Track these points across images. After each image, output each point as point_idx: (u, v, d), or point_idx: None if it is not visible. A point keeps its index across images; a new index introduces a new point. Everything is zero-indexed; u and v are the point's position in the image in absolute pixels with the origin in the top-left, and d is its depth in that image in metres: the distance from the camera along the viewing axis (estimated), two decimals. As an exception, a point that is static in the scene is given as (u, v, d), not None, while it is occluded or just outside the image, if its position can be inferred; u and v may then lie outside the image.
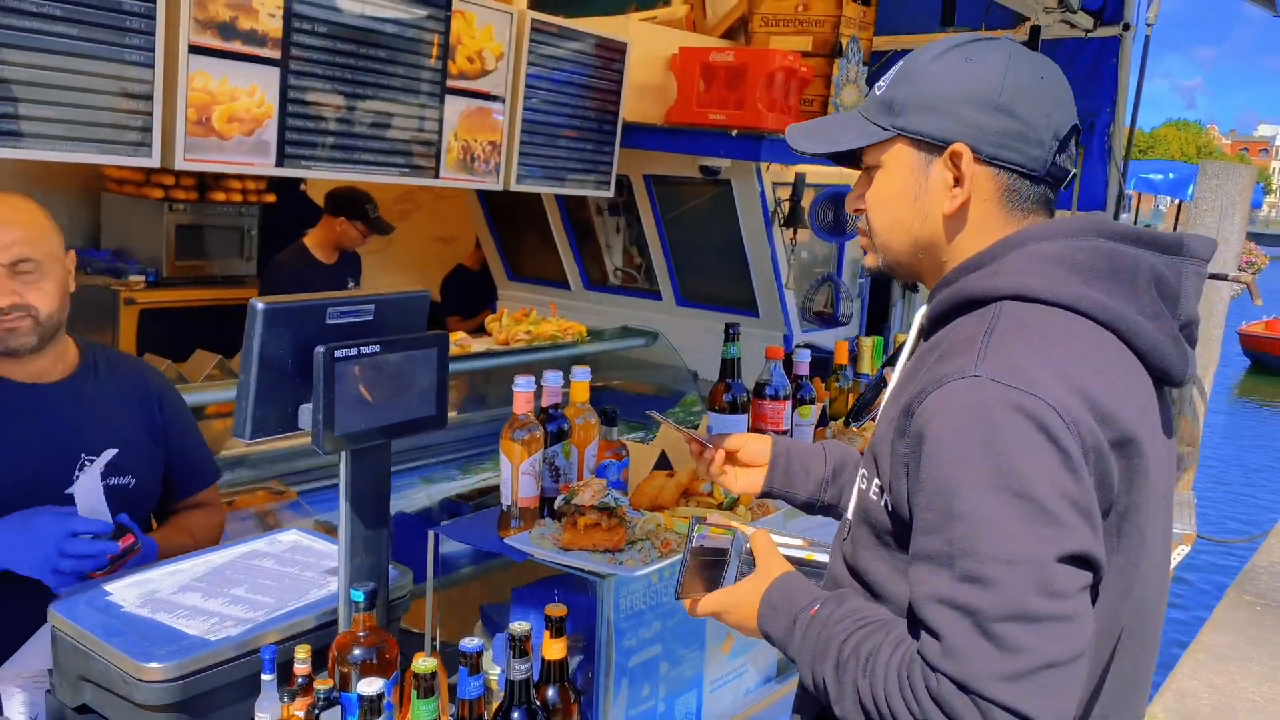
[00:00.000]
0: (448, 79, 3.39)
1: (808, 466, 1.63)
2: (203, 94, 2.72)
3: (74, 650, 1.53)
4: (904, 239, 1.32)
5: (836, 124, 1.39)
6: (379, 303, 1.60)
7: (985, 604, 1.03)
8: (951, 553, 1.07)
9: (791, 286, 4.76)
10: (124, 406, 2.02)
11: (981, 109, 1.23)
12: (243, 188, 5.16)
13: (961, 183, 1.25)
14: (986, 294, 1.23)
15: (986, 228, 1.27)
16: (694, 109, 4.36)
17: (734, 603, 1.36)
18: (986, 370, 1.11)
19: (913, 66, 1.29)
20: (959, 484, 1.07)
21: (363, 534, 1.59)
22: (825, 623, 1.21)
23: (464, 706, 1.44)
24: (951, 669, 1.03)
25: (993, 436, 1.07)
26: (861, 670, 1.12)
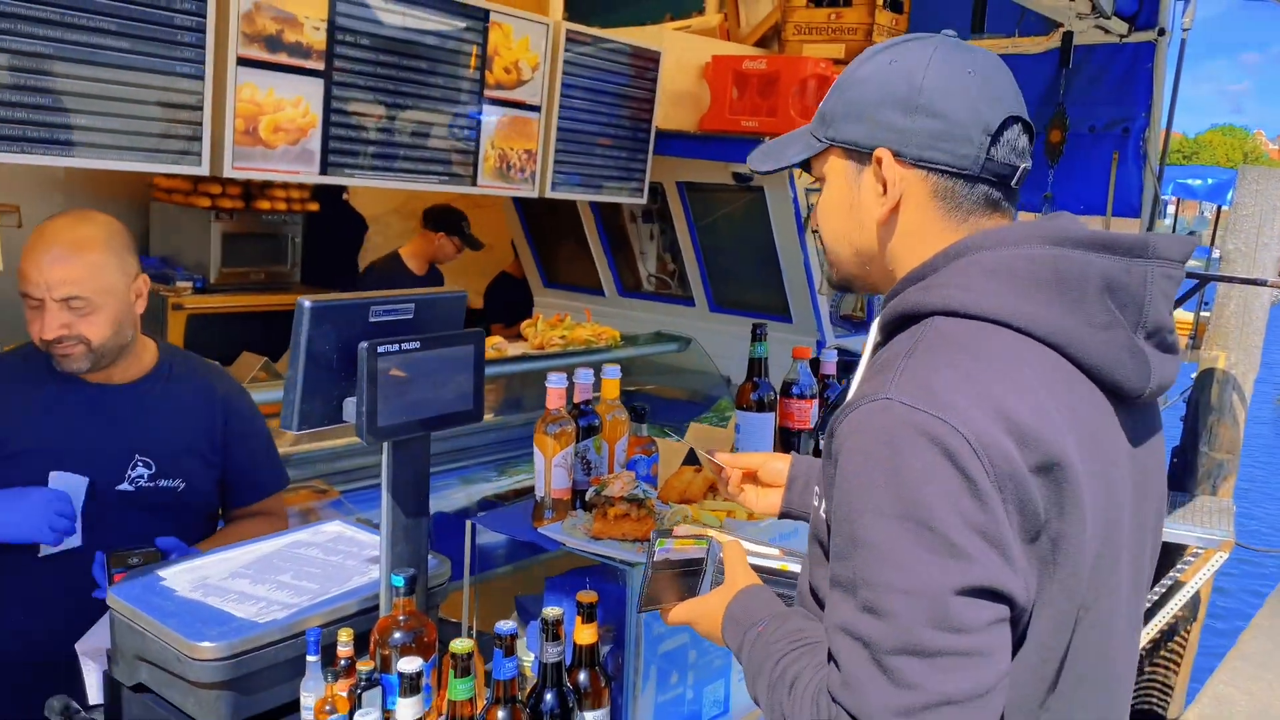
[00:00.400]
0: (485, 89, 3.48)
1: None
2: (250, 104, 2.82)
3: (131, 631, 1.61)
4: (847, 251, 1.29)
5: (786, 140, 1.36)
6: (418, 302, 1.67)
7: (880, 635, 1.00)
8: (855, 581, 1.04)
9: (824, 292, 4.79)
10: (186, 411, 2.10)
11: (900, 110, 1.19)
12: (287, 196, 5.29)
13: (887, 189, 1.21)
14: (918, 309, 1.18)
15: (926, 233, 1.22)
16: (727, 116, 4.42)
17: (702, 613, 1.36)
18: (897, 392, 1.06)
19: (845, 75, 1.27)
20: (862, 510, 1.04)
21: (403, 522, 1.66)
22: (767, 641, 1.21)
23: (499, 687, 1.50)
24: (848, 700, 1.01)
25: (895, 462, 1.03)
26: (786, 692, 1.13)
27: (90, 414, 2.00)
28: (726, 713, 1.87)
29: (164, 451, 2.05)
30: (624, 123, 4.14)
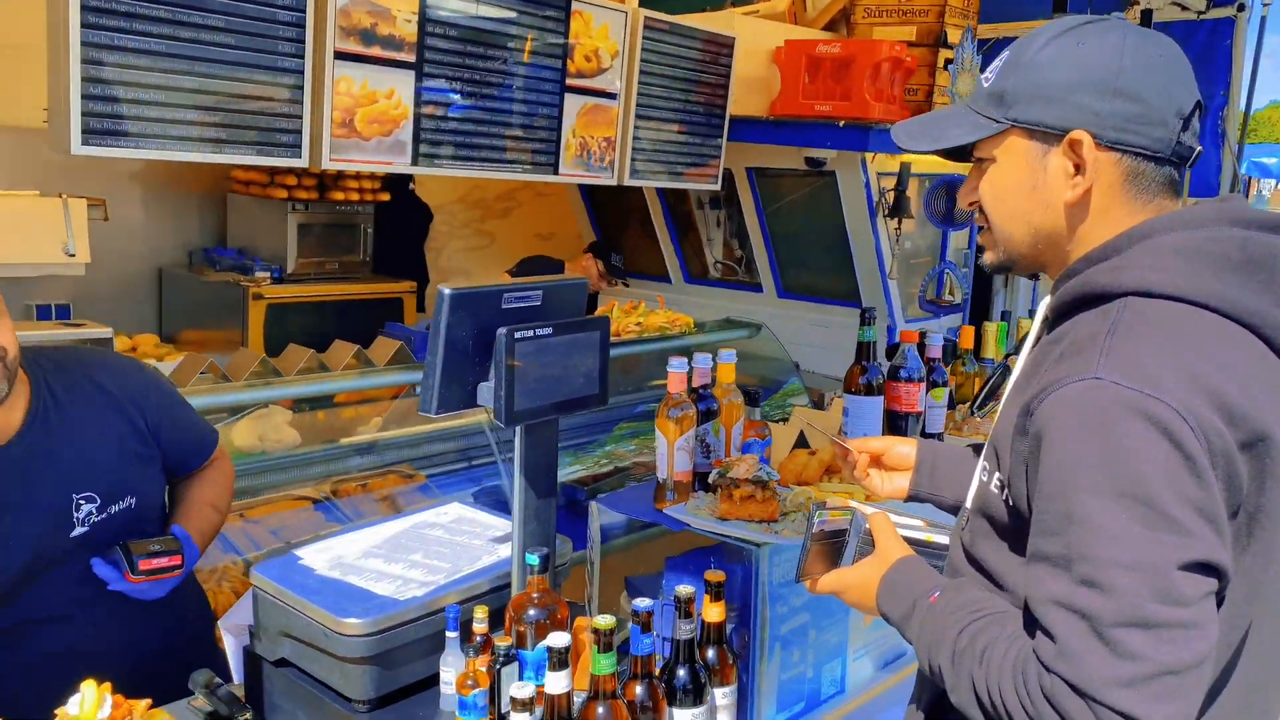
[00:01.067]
0: (566, 77, 3.51)
1: (955, 470, 1.62)
2: (346, 97, 2.88)
3: (275, 608, 1.68)
4: (1024, 231, 1.29)
5: (943, 119, 1.37)
6: (546, 289, 1.71)
7: (1102, 609, 1.03)
8: (1069, 556, 1.06)
9: (895, 276, 4.78)
10: (99, 427, 1.88)
11: (1098, 94, 1.19)
12: (359, 186, 5.38)
13: (1083, 170, 1.22)
14: (1109, 289, 1.20)
15: (1111, 215, 1.24)
16: (799, 101, 4.41)
17: (852, 582, 1.38)
18: (1107, 371, 1.09)
19: (1021, 55, 1.25)
20: (1077, 488, 1.06)
21: (534, 503, 1.70)
22: (944, 611, 1.22)
23: (637, 663, 1.54)
24: (1066, 671, 1.03)
25: (1112, 441, 1.05)
26: (977, 662, 1.14)
27: (7, 479, 1.77)
28: (843, 691, 1.90)
29: (99, 478, 1.86)
30: (698, 109, 4.15)
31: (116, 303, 5.13)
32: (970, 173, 1.36)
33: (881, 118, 4.25)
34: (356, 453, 3.63)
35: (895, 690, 1.99)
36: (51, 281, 4.77)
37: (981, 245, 1.38)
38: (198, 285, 5.16)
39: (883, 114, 4.26)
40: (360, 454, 3.64)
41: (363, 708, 1.60)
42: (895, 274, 4.75)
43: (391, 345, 3.49)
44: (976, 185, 1.33)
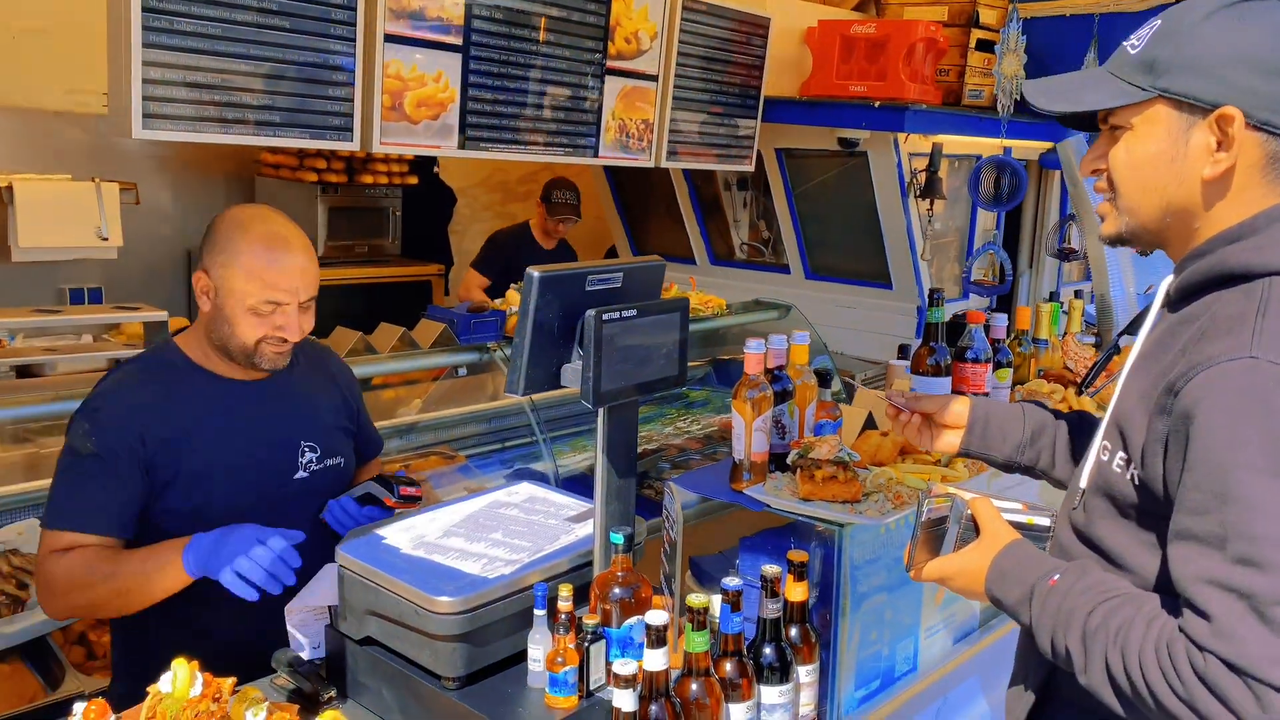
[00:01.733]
0: (607, 59, 3.51)
1: (1005, 429, 1.66)
2: (396, 80, 2.89)
3: (363, 586, 1.70)
4: (1156, 203, 1.28)
5: (1082, 81, 1.34)
6: (626, 271, 1.72)
7: (1263, 588, 1.03)
8: (1224, 535, 1.06)
9: (927, 257, 4.78)
10: (325, 394, 2.13)
11: (1257, 72, 1.18)
12: (388, 170, 5.39)
13: (1227, 147, 1.21)
14: (1251, 268, 1.20)
15: (1246, 196, 1.23)
16: (833, 81, 4.41)
17: (959, 569, 1.38)
18: (1263, 351, 1.09)
19: (1177, 25, 1.24)
20: (1233, 465, 1.07)
21: (615, 483, 1.72)
22: (1067, 593, 1.21)
23: (726, 641, 1.56)
24: (1223, 649, 1.03)
25: (1273, 420, 1.06)
26: (1112, 642, 1.13)
27: (251, 408, 1.99)
28: (915, 670, 1.92)
29: (322, 433, 2.08)
30: (734, 90, 4.15)
31: (146, 285, 5.15)
32: (1099, 140, 1.33)
33: (916, 98, 4.25)
34: (398, 434, 3.66)
35: (964, 667, 2.01)
36: (83, 265, 4.80)
37: (1101, 215, 1.36)
38: (228, 269, 5.18)
39: (918, 94, 4.26)
40: (402, 435, 3.66)
41: (453, 685, 1.62)
42: (927, 255, 4.75)
43: (435, 328, 3.51)
44: (1106, 153, 1.31)
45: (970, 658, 2.04)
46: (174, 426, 1.90)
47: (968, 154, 5.05)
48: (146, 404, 1.90)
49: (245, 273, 1.88)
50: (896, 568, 1.83)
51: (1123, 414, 1.26)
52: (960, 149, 4.91)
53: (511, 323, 3.82)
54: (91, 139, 4.89)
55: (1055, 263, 5.82)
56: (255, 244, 1.90)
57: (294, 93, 2.67)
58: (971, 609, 2.09)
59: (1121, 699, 1.13)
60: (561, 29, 3.32)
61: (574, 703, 1.59)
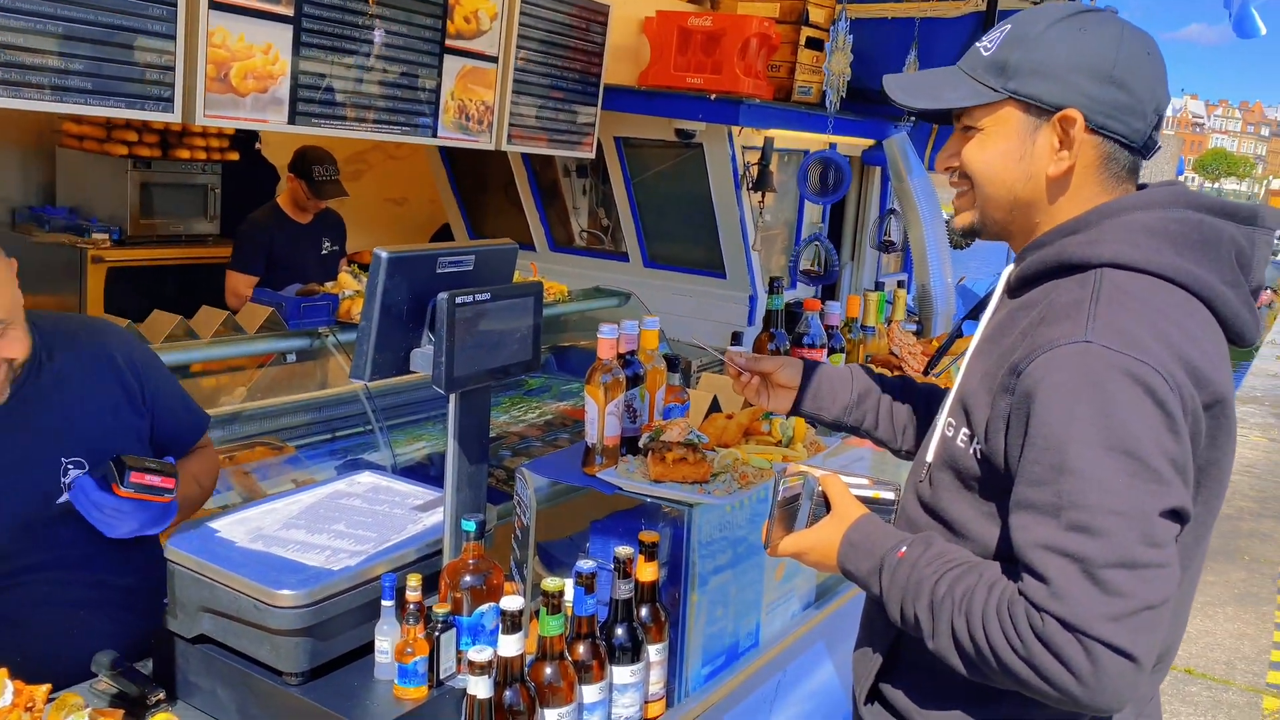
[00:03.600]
0: (446, 38, 3.44)
1: (835, 391, 1.77)
2: (221, 50, 2.73)
3: (195, 582, 1.61)
4: (1004, 197, 1.36)
5: (939, 80, 1.41)
6: (479, 254, 1.70)
7: (1094, 551, 1.11)
8: (1060, 504, 1.14)
9: (759, 248, 4.92)
10: (90, 389, 1.85)
11: (1095, 79, 1.28)
12: (206, 145, 5.09)
13: (1069, 147, 1.30)
14: (1086, 260, 1.28)
15: (1083, 194, 1.33)
16: (670, 72, 4.47)
17: (812, 544, 1.44)
18: (1096, 335, 1.18)
19: (1025, 31, 1.32)
20: (1070, 441, 1.15)
21: (467, 470, 1.69)
22: (915, 564, 1.28)
23: (580, 623, 1.56)
24: (1059, 609, 1.11)
25: (1104, 399, 1.14)
26: (958, 609, 1.20)
27: None
28: (757, 645, 1.98)
29: (89, 442, 1.80)
30: (574, 76, 4.14)
31: (-72, 265, 4.69)
32: (953, 137, 1.42)
33: (750, 92, 4.36)
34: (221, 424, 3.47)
35: (804, 639, 2.09)
36: None
37: (955, 208, 1.45)
38: (25, 246, 4.76)
39: (752, 88, 4.37)
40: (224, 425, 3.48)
41: (295, 680, 1.56)
42: (759, 245, 4.90)
43: (262, 311, 3.35)
44: (959, 150, 1.40)
45: (809, 629, 2.12)
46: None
47: (797, 148, 5.23)
48: None
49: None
50: (741, 546, 1.88)
51: (967, 393, 1.34)
52: (790, 143, 5.08)
53: (344, 307, 3.68)
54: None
55: (876, 254, 6.11)
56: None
57: (109, 58, 2.48)
58: (810, 583, 2.17)
59: (967, 662, 1.21)
60: (399, 4, 3.23)
61: (424, 693, 1.56)
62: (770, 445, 1.92)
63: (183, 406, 2.03)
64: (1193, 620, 5.01)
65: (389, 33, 3.22)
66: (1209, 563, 5.81)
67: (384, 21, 3.19)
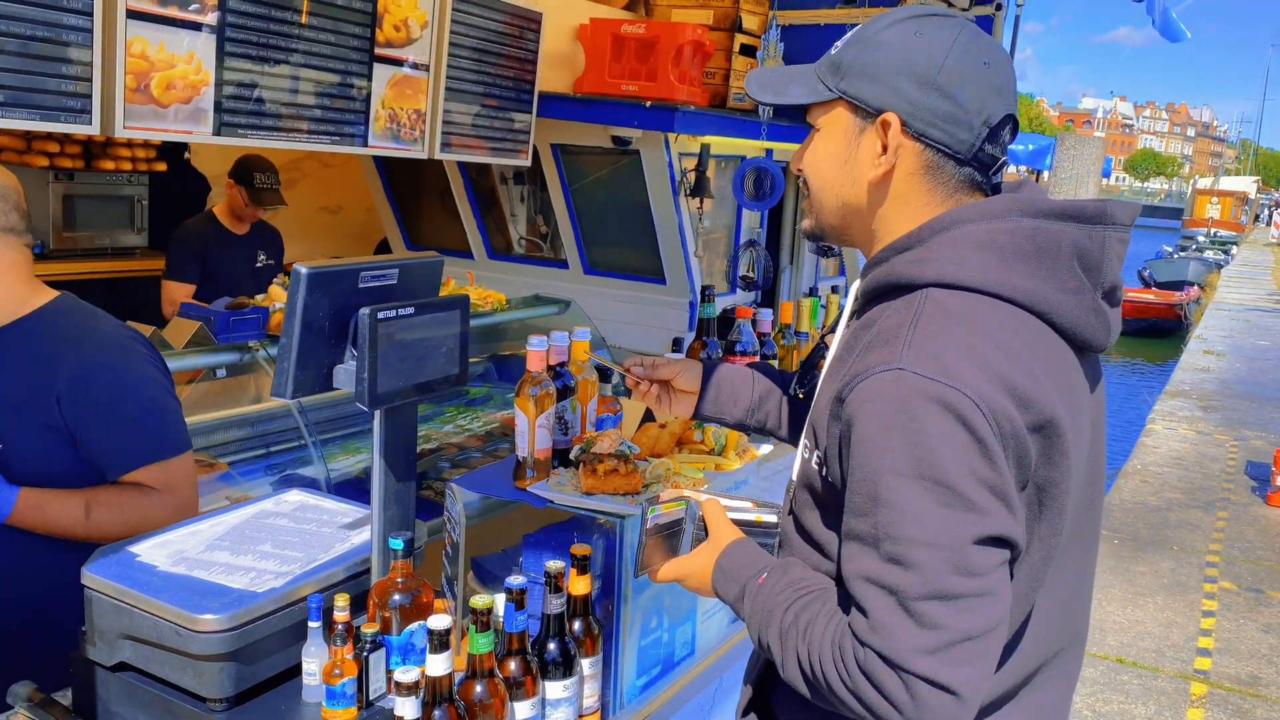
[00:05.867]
0: (375, 47, 3.40)
1: (736, 393, 1.77)
2: (141, 60, 2.67)
3: (115, 608, 1.56)
4: (833, 202, 1.36)
5: (789, 76, 1.40)
6: (402, 267, 1.68)
7: (907, 584, 1.11)
8: (877, 535, 1.14)
9: (700, 254, 4.94)
10: (24, 370, 1.92)
11: (917, 84, 1.26)
12: (132, 156, 4.98)
13: (886, 151, 1.29)
14: (913, 280, 1.27)
15: (911, 201, 1.31)
16: (605, 80, 4.46)
17: (690, 570, 1.46)
18: (909, 362, 1.16)
19: (866, 32, 1.32)
20: (881, 471, 1.14)
21: (394, 487, 1.67)
22: (771, 591, 1.29)
23: (510, 640, 1.55)
24: (877, 643, 1.12)
25: (912, 427, 1.13)
26: (801, 638, 1.21)
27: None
28: (693, 653, 1.99)
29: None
30: (508, 84, 4.12)
31: None
32: (807, 139, 1.41)
33: (685, 99, 4.38)
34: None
35: (740, 646, 2.10)
36: None
37: (802, 210, 1.45)
38: (-58, 262, 4.62)
39: (687, 95, 4.39)
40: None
41: (219, 706, 1.53)
42: (699, 251, 4.91)
43: (190, 326, 3.28)
44: (804, 152, 1.40)
45: (744, 637, 2.13)
46: None
47: (734, 154, 5.26)
48: None
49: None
50: (675, 556, 1.88)
51: (816, 415, 1.33)
52: (727, 150, 5.10)
53: (275, 320, 3.62)
54: None
55: (814, 259, 6.17)
56: None
57: (20, 69, 2.41)
58: (745, 591, 2.18)
59: (812, 690, 1.21)
60: (326, 12, 3.18)
61: (353, 714, 1.53)
62: (703, 454, 1.92)
63: (115, 435, 1.96)
64: (1123, 610, 5.13)
65: (316, 41, 3.17)
66: (1138, 553, 5.96)
67: (311, 30, 3.14)
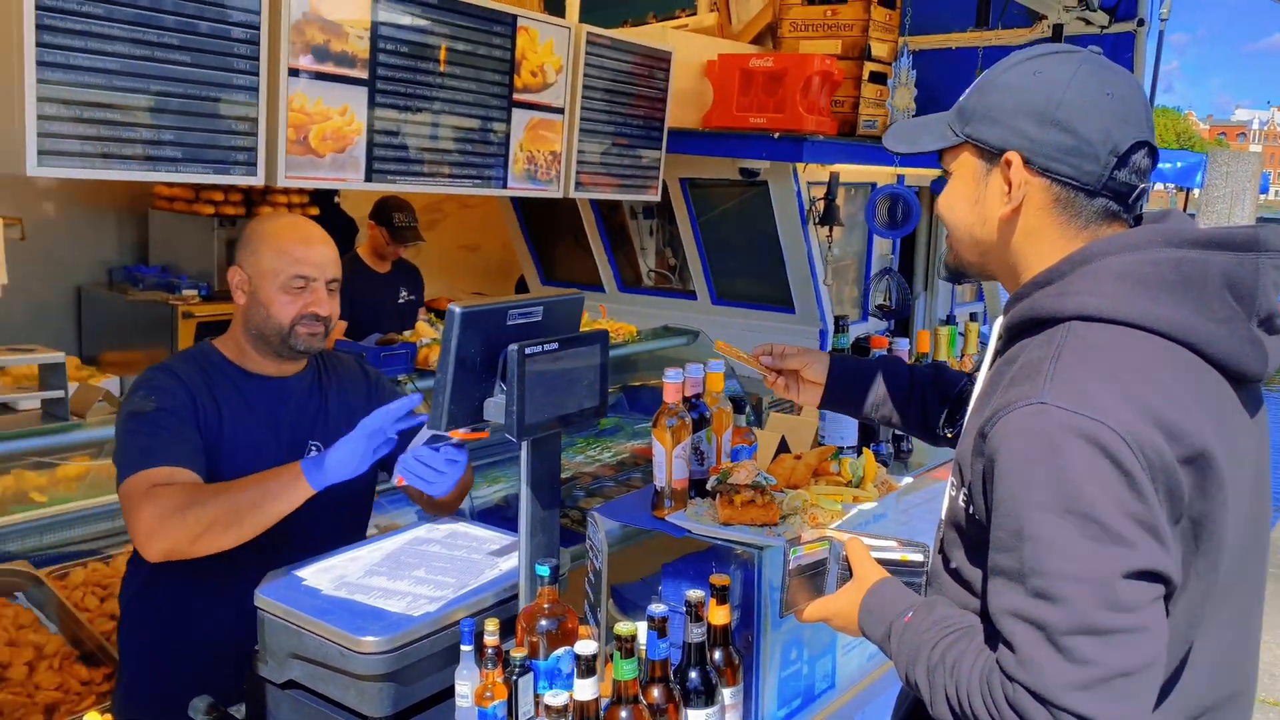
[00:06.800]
0: (514, 93, 3.54)
1: (863, 383, 1.83)
2: (300, 114, 2.86)
3: (284, 629, 1.67)
4: (969, 240, 1.40)
5: (921, 126, 1.45)
6: (546, 305, 1.75)
7: (1055, 619, 1.10)
8: (1023, 570, 1.14)
9: (829, 282, 4.92)
10: (352, 402, 2.23)
11: (1036, 122, 1.28)
12: (288, 201, 5.30)
13: (1012, 190, 1.31)
14: (1054, 314, 1.27)
15: (1045, 236, 1.32)
16: (733, 113, 4.52)
17: (836, 610, 1.47)
18: (1052, 397, 1.15)
19: (989, 76, 1.35)
20: (1026, 506, 1.14)
21: (540, 515, 1.73)
22: (917, 630, 1.30)
23: (653, 667, 1.59)
24: (1026, 678, 1.11)
25: (1056, 462, 1.12)
26: (948, 675, 1.22)
27: (271, 405, 2.12)
28: (833, 687, 1.98)
29: (331, 434, 2.11)
30: (638, 122, 4.22)
31: (34, 324, 4.95)
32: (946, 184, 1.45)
33: (814, 129, 4.39)
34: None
35: (880, 681, 2.07)
36: (-37, 304, 4.59)
37: (947, 247, 1.48)
38: (121, 305, 5.01)
39: (815, 125, 4.40)
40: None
41: (380, 725, 1.60)
42: (828, 279, 4.90)
43: (344, 362, 3.46)
44: (942, 195, 1.44)
45: (886, 672, 2.10)
46: (208, 405, 2.04)
47: (864, 182, 5.23)
48: (190, 380, 2.05)
49: (274, 252, 2.06)
50: (814, 587, 1.88)
51: (961, 453, 1.33)
52: (856, 177, 5.08)
53: (422, 354, 3.79)
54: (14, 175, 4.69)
55: (949, 286, 6.06)
56: (281, 229, 2.13)
57: (196, 128, 2.62)
58: (885, 624, 2.16)
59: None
60: (467, 62, 3.34)
61: (504, 736, 1.59)
62: (840, 485, 1.92)
63: None
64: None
65: (459, 90, 3.33)
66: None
67: (454, 79, 3.30)
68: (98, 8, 2.37)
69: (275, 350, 2.10)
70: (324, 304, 2.09)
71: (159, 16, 2.50)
